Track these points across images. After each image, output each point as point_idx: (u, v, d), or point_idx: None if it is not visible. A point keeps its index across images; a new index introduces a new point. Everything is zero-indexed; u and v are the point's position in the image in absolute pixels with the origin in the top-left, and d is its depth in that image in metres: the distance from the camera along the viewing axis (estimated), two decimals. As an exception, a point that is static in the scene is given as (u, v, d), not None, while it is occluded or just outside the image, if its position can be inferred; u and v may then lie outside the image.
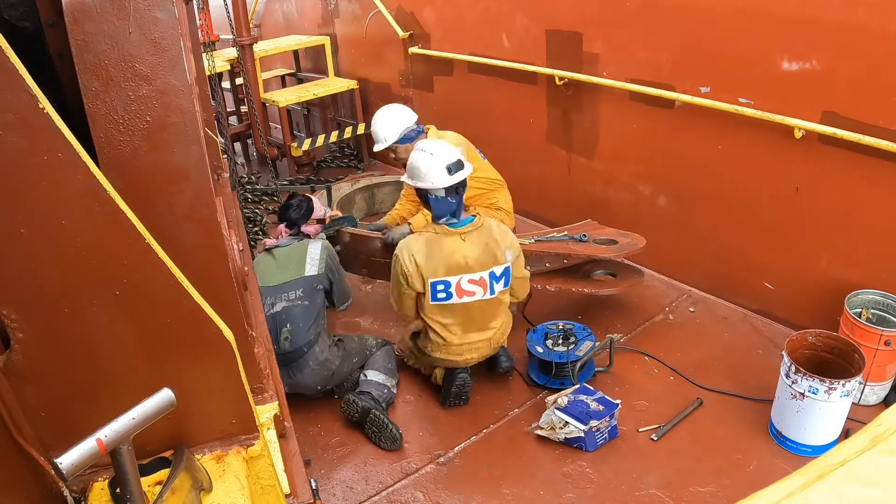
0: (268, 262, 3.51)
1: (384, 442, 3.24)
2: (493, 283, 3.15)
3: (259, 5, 7.77)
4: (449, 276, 3.09)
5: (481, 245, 3.10)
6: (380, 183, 5.92)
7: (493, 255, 3.12)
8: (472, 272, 3.10)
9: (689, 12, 3.70)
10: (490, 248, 3.12)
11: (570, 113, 4.65)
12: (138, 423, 1.19)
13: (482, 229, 3.13)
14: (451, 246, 3.07)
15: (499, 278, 3.16)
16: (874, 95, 3.07)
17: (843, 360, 2.99)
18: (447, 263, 3.07)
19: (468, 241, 3.09)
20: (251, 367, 1.77)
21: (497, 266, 3.13)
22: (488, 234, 3.13)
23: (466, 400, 3.48)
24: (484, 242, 3.11)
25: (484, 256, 3.10)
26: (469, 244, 3.09)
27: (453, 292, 3.12)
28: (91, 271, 1.34)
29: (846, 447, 0.71)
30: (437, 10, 5.53)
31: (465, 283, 3.10)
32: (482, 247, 3.10)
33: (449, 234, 3.09)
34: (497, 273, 3.14)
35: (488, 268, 3.12)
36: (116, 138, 1.47)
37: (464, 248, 3.08)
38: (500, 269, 3.14)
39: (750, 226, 3.80)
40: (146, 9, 1.43)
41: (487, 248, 3.11)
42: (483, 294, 3.15)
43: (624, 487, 2.91)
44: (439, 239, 3.10)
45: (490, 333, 3.32)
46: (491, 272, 3.12)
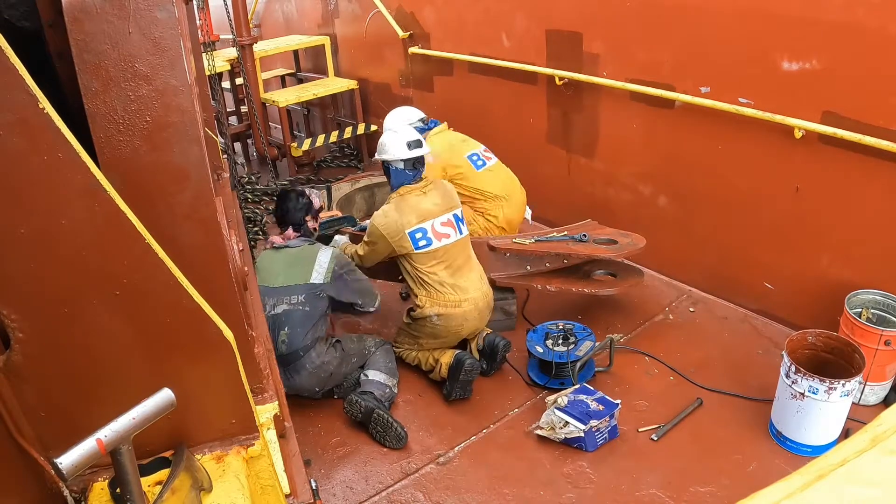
0: (273, 262, 3.48)
1: (389, 441, 3.25)
2: (459, 224, 3.59)
3: (259, 5, 7.77)
4: (422, 223, 3.48)
5: (440, 193, 3.60)
6: (380, 183, 5.91)
7: (451, 198, 3.63)
8: (441, 215, 3.53)
9: (689, 12, 3.70)
10: (448, 194, 3.64)
11: (570, 113, 4.65)
12: (138, 423, 1.19)
13: (436, 183, 3.66)
14: (416, 199, 3.53)
15: (461, 219, 3.63)
16: (874, 95, 3.07)
17: (843, 360, 2.99)
18: (417, 212, 3.48)
19: (428, 192, 3.57)
20: (251, 367, 1.77)
21: (457, 208, 3.62)
22: (442, 185, 3.67)
23: (470, 392, 3.48)
24: (440, 191, 3.61)
25: (444, 201, 3.58)
26: (430, 194, 3.56)
27: (431, 237, 3.48)
28: (91, 271, 1.34)
29: (846, 447, 0.71)
30: (437, 10, 5.53)
31: (438, 226, 3.50)
32: (440, 194, 3.59)
33: (411, 191, 3.55)
34: (459, 215, 3.62)
35: (452, 210, 3.58)
36: (116, 138, 1.47)
37: (427, 198, 3.55)
38: (459, 211, 3.63)
39: (750, 226, 3.80)
40: (146, 9, 1.43)
41: (445, 194, 3.62)
42: (455, 234, 3.54)
43: (624, 487, 2.91)
44: (404, 198, 3.54)
45: (476, 276, 3.57)
46: (454, 213, 3.59)
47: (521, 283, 3.99)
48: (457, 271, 3.51)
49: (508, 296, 4.01)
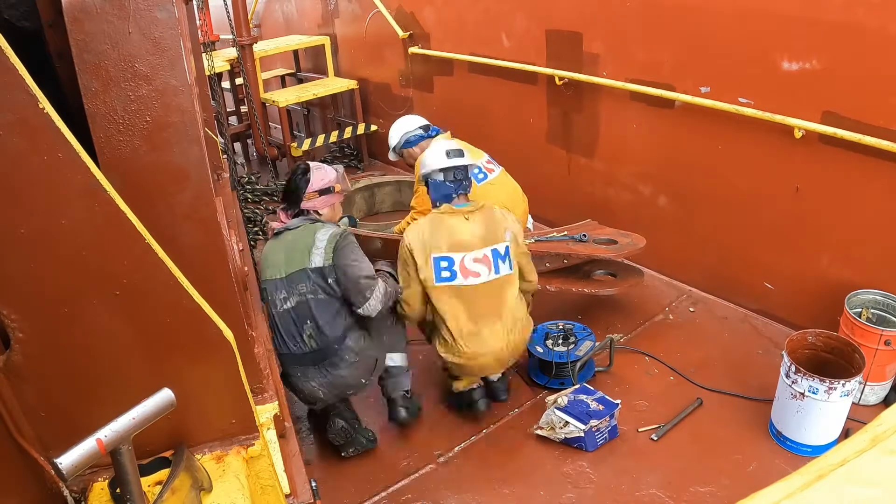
0: (276, 251, 3.04)
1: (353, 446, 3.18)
2: (497, 261, 3.09)
3: (259, 5, 7.77)
4: (452, 253, 3.04)
5: (484, 223, 3.11)
6: (380, 183, 5.92)
7: (495, 232, 3.11)
8: (476, 249, 3.07)
9: (689, 12, 3.70)
10: (492, 226, 3.11)
11: (570, 113, 4.65)
12: (138, 423, 1.19)
13: (485, 209, 3.15)
14: (454, 223, 3.08)
15: (503, 257, 3.11)
16: (874, 95, 3.07)
17: (843, 360, 2.99)
18: (450, 239, 3.05)
19: (471, 219, 3.10)
20: (251, 367, 1.77)
21: (500, 244, 3.10)
22: (490, 214, 3.15)
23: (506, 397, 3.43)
24: (486, 220, 3.12)
25: (487, 234, 3.09)
26: (472, 222, 3.10)
27: (457, 271, 3.04)
28: (91, 271, 1.35)
29: (846, 447, 0.71)
30: (437, 10, 5.53)
31: (468, 262, 3.05)
32: (485, 224, 3.11)
33: (452, 214, 3.11)
34: (500, 251, 3.10)
35: (492, 244, 3.09)
36: (116, 138, 1.47)
37: (467, 226, 3.08)
38: (502, 248, 3.11)
39: (750, 226, 3.80)
40: (146, 9, 1.43)
41: (489, 225, 3.11)
42: (489, 274, 3.07)
43: (624, 487, 2.91)
44: (442, 217, 3.11)
45: (501, 327, 3.08)
46: (494, 249, 3.08)
47: (521, 283, 3.98)
48: (480, 318, 3.05)
49: (508, 296, 4.01)
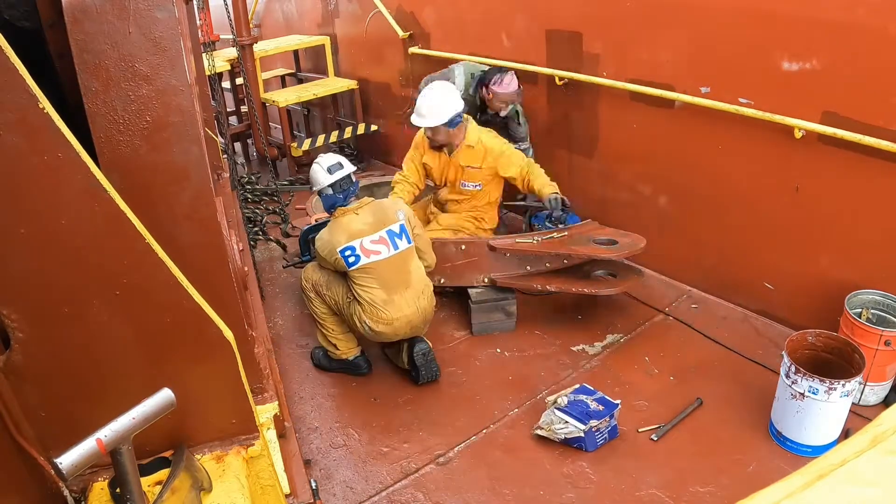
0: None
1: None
2: (393, 239, 3.51)
3: (259, 5, 7.77)
4: (351, 241, 3.45)
5: (371, 213, 3.54)
6: (380, 183, 5.92)
7: (384, 216, 3.54)
8: (372, 233, 3.48)
9: (688, 12, 3.70)
10: (380, 213, 3.55)
11: (570, 113, 4.65)
12: (138, 423, 1.19)
13: (371, 203, 3.59)
14: (347, 220, 3.52)
15: (399, 234, 3.53)
16: (874, 95, 3.07)
17: (843, 360, 2.99)
18: (347, 231, 3.47)
19: (360, 213, 3.53)
20: (251, 367, 1.77)
21: (393, 224, 3.53)
22: (377, 205, 3.59)
23: (437, 373, 3.63)
24: (373, 210, 3.55)
25: (377, 220, 3.52)
26: (361, 215, 3.53)
27: (360, 254, 3.45)
28: (91, 271, 1.35)
29: (846, 447, 0.71)
30: (437, 10, 5.53)
31: (367, 244, 3.47)
32: (372, 214, 3.54)
33: (344, 213, 3.55)
34: (395, 230, 3.52)
35: (386, 226, 3.52)
36: (116, 138, 1.47)
37: (358, 218, 3.52)
38: (396, 226, 3.53)
39: (750, 226, 3.80)
40: (146, 9, 1.43)
41: (378, 214, 3.54)
42: (388, 251, 3.49)
43: (624, 487, 2.91)
44: (338, 220, 3.55)
45: (412, 294, 3.50)
46: (388, 230, 3.51)
47: (521, 283, 3.99)
48: (393, 288, 3.48)
49: (508, 296, 4.02)
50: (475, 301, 4.00)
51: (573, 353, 3.79)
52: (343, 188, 3.57)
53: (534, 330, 4.02)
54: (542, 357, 3.79)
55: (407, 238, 3.55)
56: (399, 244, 3.51)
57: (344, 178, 3.56)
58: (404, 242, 3.54)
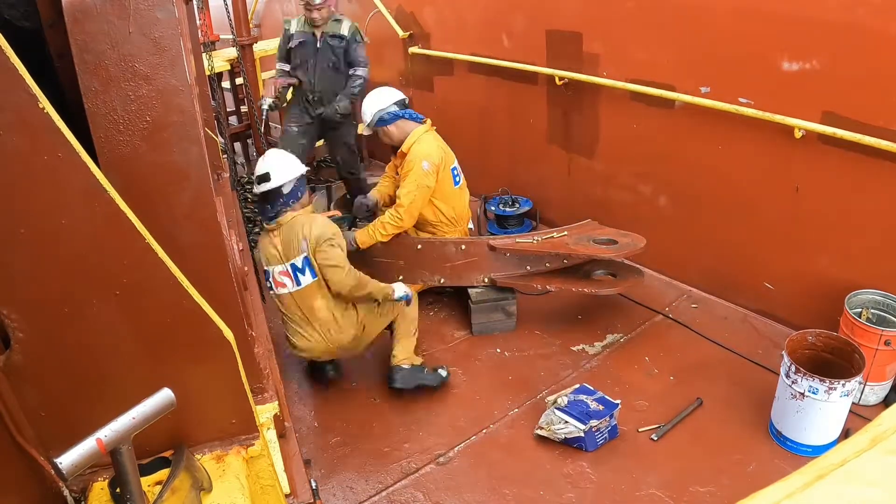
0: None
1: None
2: (296, 274, 3.36)
3: (259, 5, 7.77)
4: (268, 266, 3.41)
5: (284, 238, 3.38)
6: (380, 183, 5.91)
7: (290, 246, 3.36)
8: (279, 263, 3.38)
9: (689, 12, 3.70)
10: (289, 241, 3.36)
11: (570, 113, 4.65)
12: (138, 423, 1.19)
13: (288, 225, 3.37)
14: (267, 241, 3.43)
15: (301, 269, 3.36)
16: (874, 95, 3.07)
17: (843, 360, 2.99)
18: (266, 255, 3.42)
19: (277, 235, 3.40)
20: (251, 367, 1.77)
21: (297, 257, 3.34)
22: (291, 229, 3.36)
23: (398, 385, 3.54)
24: (285, 235, 3.38)
25: (285, 249, 3.36)
26: (276, 238, 3.40)
27: (272, 282, 3.42)
28: (91, 271, 1.35)
29: (846, 447, 0.71)
30: (437, 10, 5.53)
31: (276, 275, 3.40)
32: (284, 240, 3.38)
33: (267, 232, 3.45)
34: (298, 264, 3.35)
35: (290, 259, 3.36)
36: (116, 138, 1.47)
37: (273, 242, 3.40)
38: (299, 260, 3.35)
39: (750, 226, 3.80)
40: (146, 9, 1.43)
41: (287, 240, 3.37)
42: (292, 285, 3.37)
43: (624, 487, 2.91)
44: (264, 236, 3.47)
45: (319, 330, 3.40)
46: (292, 263, 3.36)
47: (521, 283, 3.99)
48: (297, 322, 3.42)
49: (508, 296, 4.02)
50: (475, 301, 4.00)
51: (573, 353, 3.80)
52: (269, 201, 3.37)
53: (534, 330, 4.02)
54: (542, 357, 3.79)
55: (311, 272, 3.33)
56: (301, 279, 3.34)
57: (269, 192, 3.36)
58: (307, 277, 3.34)
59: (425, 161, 3.92)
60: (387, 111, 4.09)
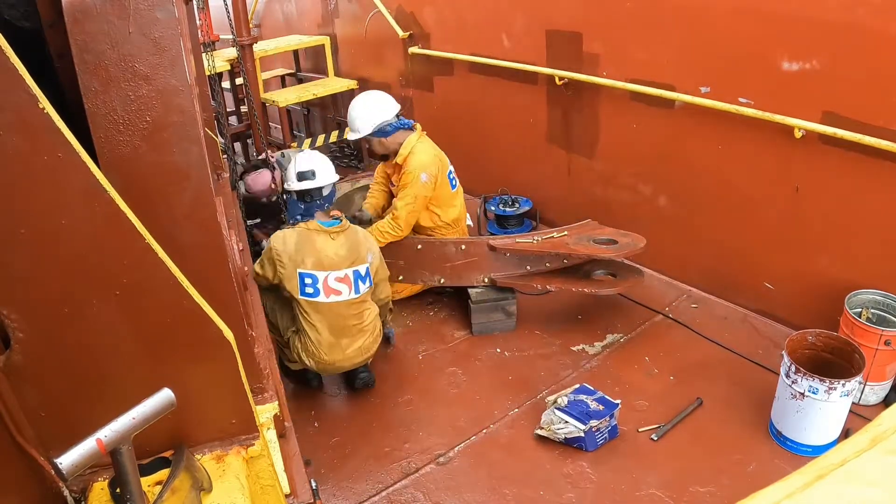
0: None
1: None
2: (357, 281, 3.30)
3: (259, 5, 7.77)
4: (316, 271, 3.21)
5: (348, 244, 3.29)
6: (380, 183, 5.91)
7: (357, 253, 3.30)
8: (339, 269, 3.24)
9: (688, 12, 3.70)
10: (356, 247, 3.31)
11: (570, 113, 4.65)
12: (138, 423, 1.19)
13: (349, 231, 3.33)
14: (321, 241, 3.24)
15: (364, 278, 3.33)
16: (874, 95, 3.07)
17: (843, 360, 2.99)
18: (316, 257, 3.22)
19: (337, 239, 3.27)
20: (251, 367, 1.77)
21: (361, 265, 3.31)
22: (354, 236, 3.33)
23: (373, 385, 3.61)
24: (351, 241, 3.31)
25: (350, 254, 3.28)
26: (338, 242, 3.27)
27: (320, 289, 3.22)
28: (91, 271, 1.35)
29: (846, 447, 0.71)
30: (437, 10, 5.53)
31: (331, 281, 3.23)
32: (349, 245, 3.29)
33: (320, 232, 3.26)
34: (361, 272, 3.31)
35: (354, 265, 3.28)
36: (116, 138, 1.47)
37: (333, 245, 3.25)
38: (363, 269, 3.32)
39: (750, 226, 3.80)
40: (146, 9, 1.43)
41: (353, 246, 3.30)
42: (349, 293, 3.27)
43: (624, 487, 2.91)
44: (311, 234, 3.25)
45: (360, 341, 3.34)
46: (356, 270, 3.29)
47: (521, 283, 3.99)
48: (341, 332, 3.28)
49: (508, 296, 4.02)
50: (475, 301, 4.00)
51: (573, 353, 3.80)
52: (307, 201, 3.32)
53: (534, 330, 4.02)
54: (542, 357, 3.79)
55: (369, 281, 3.34)
56: (361, 288, 3.30)
57: (313, 190, 3.31)
58: (366, 286, 3.32)
59: (423, 173, 3.95)
60: (389, 123, 4.03)
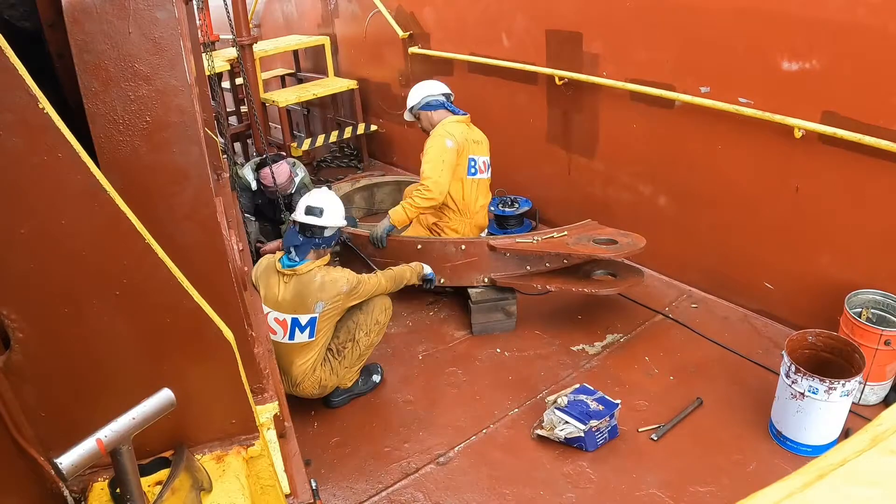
0: None
1: None
2: (294, 328, 3.26)
3: (259, 5, 7.77)
4: (266, 305, 3.26)
5: (295, 291, 3.24)
6: (379, 183, 5.93)
7: (302, 302, 3.23)
8: (280, 311, 3.26)
9: (689, 12, 3.70)
10: (302, 296, 3.23)
11: (570, 113, 4.65)
12: (138, 423, 1.19)
13: (302, 277, 3.24)
14: (273, 279, 3.30)
15: (303, 327, 3.26)
16: (874, 95, 3.07)
17: (843, 359, 2.99)
18: (266, 292, 3.29)
19: (289, 283, 3.26)
20: (251, 367, 1.77)
21: (303, 314, 3.24)
22: (307, 285, 3.23)
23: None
24: (299, 289, 3.23)
25: (294, 301, 3.24)
26: (288, 286, 3.25)
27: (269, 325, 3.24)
28: (91, 271, 1.34)
29: (846, 447, 0.71)
30: (437, 10, 5.53)
31: (271, 320, 3.26)
32: (295, 292, 3.24)
33: (277, 272, 3.30)
34: (301, 322, 3.25)
35: (295, 313, 3.24)
36: (116, 138, 1.47)
37: (281, 288, 3.27)
38: (304, 319, 3.25)
39: (750, 226, 3.80)
40: (146, 9, 1.43)
41: (300, 295, 3.23)
42: (283, 336, 3.27)
43: (624, 487, 2.91)
44: (270, 270, 3.33)
45: (303, 382, 3.33)
46: (294, 318, 3.24)
47: (521, 283, 3.99)
48: (283, 367, 3.30)
49: (508, 296, 4.02)
50: (475, 301, 4.00)
51: (573, 353, 3.80)
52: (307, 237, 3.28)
53: (534, 330, 4.03)
54: (542, 357, 3.79)
55: (311, 332, 3.27)
56: (296, 335, 3.28)
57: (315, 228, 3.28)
58: (305, 336, 3.28)
59: (448, 139, 4.13)
60: (436, 98, 4.29)
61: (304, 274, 3.23)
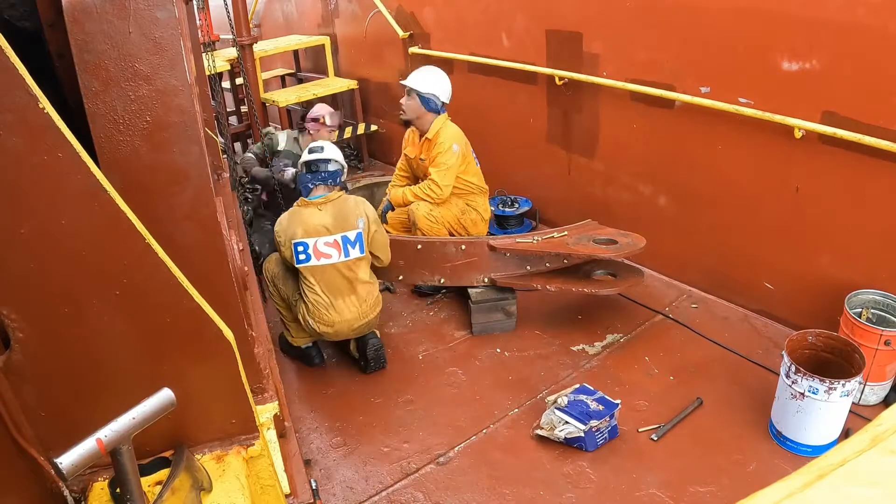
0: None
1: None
2: (346, 246, 3.55)
3: (259, 5, 7.77)
4: (306, 238, 3.50)
5: (334, 213, 3.56)
6: (379, 182, 5.92)
7: (345, 221, 3.56)
8: (327, 235, 3.52)
9: (689, 12, 3.70)
10: (342, 215, 3.56)
11: (570, 113, 4.65)
12: (138, 423, 1.19)
13: (337, 201, 3.59)
14: (308, 214, 3.56)
15: (353, 243, 3.57)
16: (874, 95, 3.07)
17: (843, 360, 2.99)
18: (304, 226, 3.52)
19: (324, 210, 3.56)
20: (251, 367, 1.77)
21: (350, 231, 3.55)
22: (342, 205, 3.59)
23: (384, 363, 3.79)
24: (337, 211, 3.57)
25: (336, 222, 3.54)
26: (324, 212, 3.56)
27: (311, 254, 3.51)
28: (91, 271, 1.35)
29: (846, 447, 0.71)
30: (437, 10, 5.53)
31: (321, 246, 3.51)
32: (335, 214, 3.56)
33: (307, 205, 3.59)
34: (350, 238, 3.56)
35: (340, 232, 3.54)
36: (116, 138, 1.47)
37: (319, 216, 3.55)
38: (352, 234, 3.56)
39: (750, 226, 3.80)
40: (146, 9, 1.43)
41: (340, 215, 3.56)
42: (339, 256, 3.54)
43: (624, 487, 2.91)
44: (299, 210, 3.60)
45: (355, 300, 3.59)
46: (344, 236, 3.54)
47: (521, 283, 3.99)
48: (336, 293, 3.56)
49: (508, 296, 4.02)
50: (475, 301, 4.00)
51: (573, 353, 3.80)
52: (314, 171, 3.61)
53: (534, 330, 4.02)
54: (542, 357, 3.79)
55: (360, 247, 3.58)
56: (350, 252, 3.56)
57: (321, 161, 3.62)
58: (356, 251, 3.57)
59: (455, 144, 4.37)
60: (440, 100, 4.42)
61: (337, 199, 3.59)
